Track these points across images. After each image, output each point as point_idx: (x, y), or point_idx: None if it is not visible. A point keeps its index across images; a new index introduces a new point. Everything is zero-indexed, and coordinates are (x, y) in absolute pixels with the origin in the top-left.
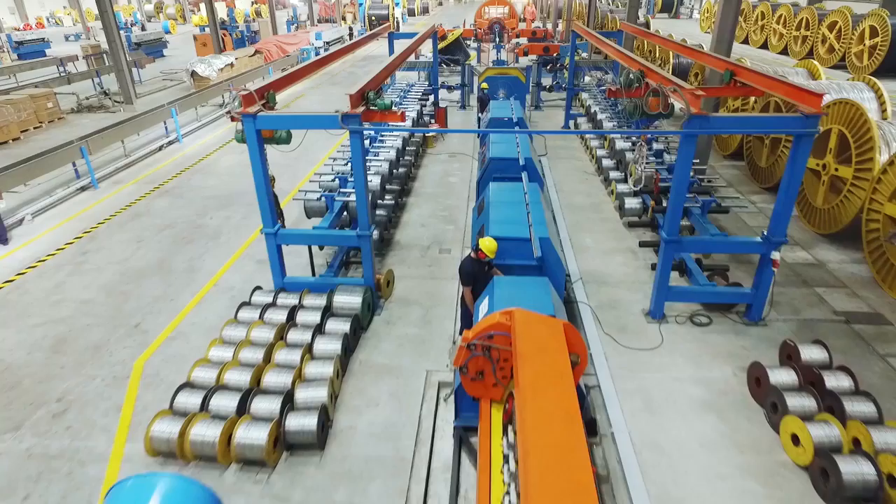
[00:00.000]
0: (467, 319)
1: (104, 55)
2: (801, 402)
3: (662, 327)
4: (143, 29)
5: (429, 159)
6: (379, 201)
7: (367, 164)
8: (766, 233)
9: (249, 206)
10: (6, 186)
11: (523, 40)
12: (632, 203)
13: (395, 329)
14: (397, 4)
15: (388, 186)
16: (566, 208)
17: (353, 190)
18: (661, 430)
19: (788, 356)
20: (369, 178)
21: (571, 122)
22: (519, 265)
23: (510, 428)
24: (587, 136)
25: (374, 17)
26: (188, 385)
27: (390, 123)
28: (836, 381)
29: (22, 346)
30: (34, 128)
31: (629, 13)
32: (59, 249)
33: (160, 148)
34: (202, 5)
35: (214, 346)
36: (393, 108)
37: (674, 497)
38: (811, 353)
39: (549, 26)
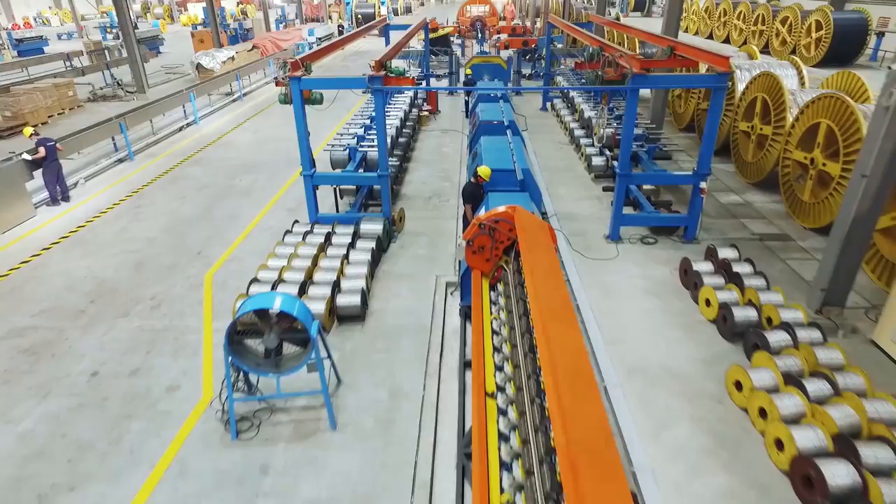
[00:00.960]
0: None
1: (105, 51)
2: (713, 280)
3: (619, 246)
4: (135, 27)
5: (424, 135)
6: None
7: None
8: (695, 168)
9: (271, 172)
10: (65, 154)
11: (504, 36)
12: (597, 161)
13: (408, 251)
14: (383, 3)
15: (393, 151)
16: (544, 169)
17: (372, 143)
18: (614, 306)
19: (710, 256)
20: None
21: (548, 104)
22: (506, 190)
23: (495, 289)
24: (563, 114)
25: (360, 16)
26: (256, 280)
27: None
28: (740, 268)
29: (108, 268)
30: (58, 114)
31: (598, 7)
32: (114, 204)
33: (180, 128)
34: (189, 6)
35: (270, 258)
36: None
37: (621, 340)
38: (726, 253)
39: (528, 23)
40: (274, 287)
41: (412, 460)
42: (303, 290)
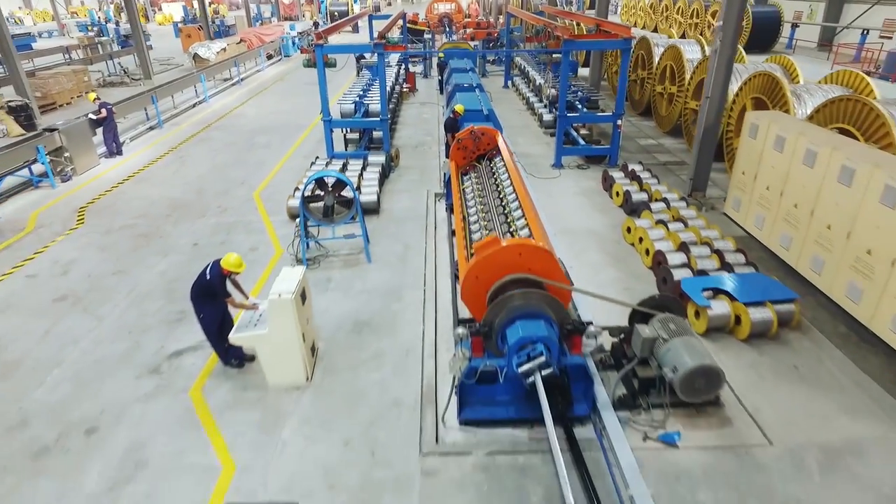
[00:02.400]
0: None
1: (99, 45)
2: (622, 181)
3: (561, 171)
4: (117, 24)
5: (406, 106)
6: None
7: (373, 87)
8: (613, 110)
9: (282, 134)
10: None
11: (471, 30)
12: (547, 117)
13: (404, 177)
14: (356, 2)
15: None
16: (506, 128)
17: (372, 99)
18: (555, 202)
19: (623, 168)
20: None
21: (510, 82)
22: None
23: (466, 175)
24: (521, 89)
25: (336, 13)
26: (297, 189)
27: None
28: (641, 175)
29: (176, 193)
30: (77, 96)
31: (550, 2)
32: (160, 157)
33: (194, 105)
34: (164, 5)
35: (304, 177)
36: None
37: (558, 217)
38: (634, 167)
39: (492, 19)
40: (313, 191)
41: (422, 273)
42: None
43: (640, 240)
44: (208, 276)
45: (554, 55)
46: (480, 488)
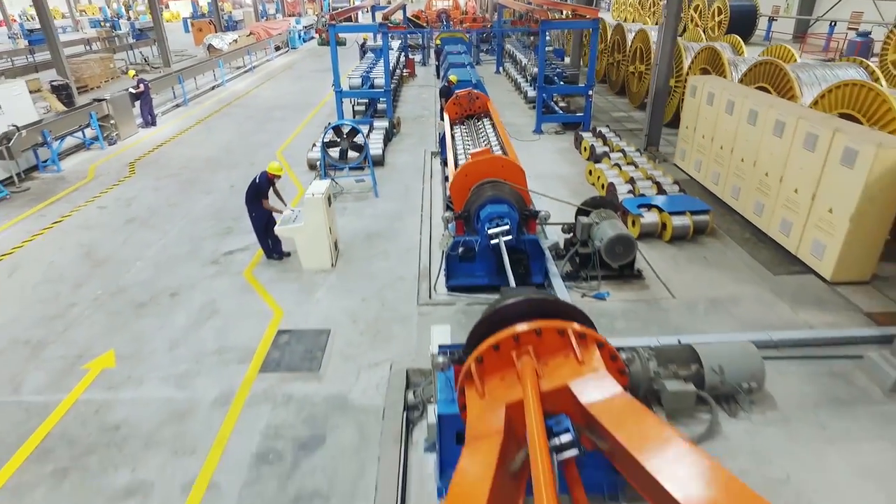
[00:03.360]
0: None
1: (116, 38)
2: (590, 139)
3: (540, 136)
4: (129, 19)
5: (406, 87)
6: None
7: (379, 65)
8: (587, 83)
9: (295, 110)
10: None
11: (466, 24)
12: (531, 94)
13: (405, 141)
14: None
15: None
16: (495, 104)
17: (377, 76)
18: (533, 158)
19: (592, 131)
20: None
21: (501, 68)
22: None
23: (457, 125)
24: (511, 72)
25: (336, 9)
26: (314, 146)
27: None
28: (607, 135)
29: (210, 152)
30: (105, 81)
31: None
32: (190, 127)
33: (212, 88)
34: (170, 3)
35: (319, 138)
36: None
37: (534, 166)
38: (602, 129)
39: (487, 15)
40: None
41: (419, 205)
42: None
43: (598, 178)
44: (258, 181)
45: (534, 37)
46: (459, 320)
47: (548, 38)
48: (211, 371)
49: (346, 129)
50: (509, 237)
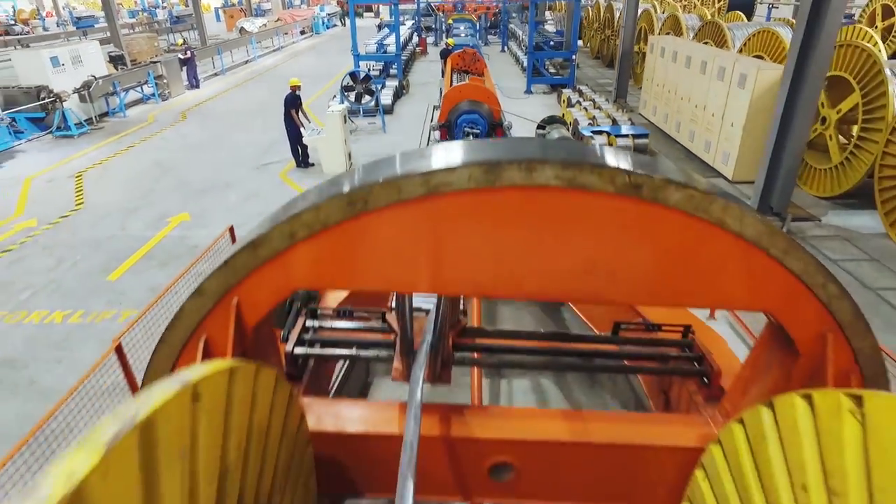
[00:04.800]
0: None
1: (156, 23)
2: (570, 93)
3: (530, 96)
4: (165, 8)
5: (418, 62)
6: (393, 68)
7: (390, 38)
8: (570, 49)
9: (319, 78)
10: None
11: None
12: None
13: (412, 98)
14: None
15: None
16: (494, 74)
17: (390, 44)
18: (522, 110)
19: (573, 88)
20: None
21: (506, 48)
22: None
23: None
24: (513, 48)
25: None
26: (333, 97)
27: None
28: (584, 90)
29: (247, 106)
30: (150, 58)
31: None
32: (228, 90)
33: (245, 62)
34: None
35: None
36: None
37: (507, 112)
38: (582, 87)
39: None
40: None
41: (419, 138)
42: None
43: (569, 119)
44: (287, 97)
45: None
46: None
47: (549, 19)
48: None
49: (360, 76)
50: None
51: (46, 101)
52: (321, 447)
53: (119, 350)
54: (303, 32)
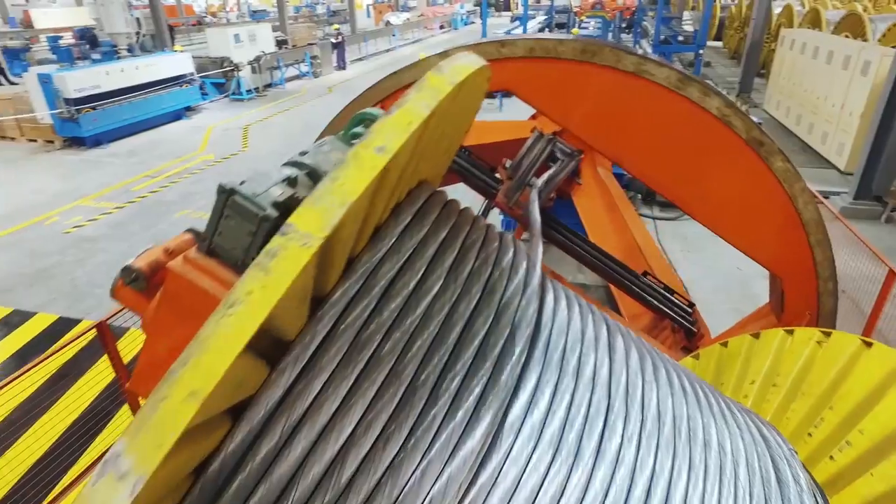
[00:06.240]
0: None
1: (315, 16)
2: None
3: None
4: (324, 4)
5: None
6: None
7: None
8: (697, 43)
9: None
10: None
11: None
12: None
13: None
14: None
15: None
16: None
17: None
18: None
19: None
20: None
21: (637, 45)
22: None
23: None
24: (643, 45)
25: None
26: None
27: None
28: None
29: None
30: (308, 42)
31: None
32: (370, 72)
33: (386, 51)
34: None
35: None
36: None
37: None
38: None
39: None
40: None
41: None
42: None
43: None
44: None
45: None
46: None
47: (687, 18)
48: None
49: None
50: None
51: (227, 69)
52: None
53: None
54: (441, 27)
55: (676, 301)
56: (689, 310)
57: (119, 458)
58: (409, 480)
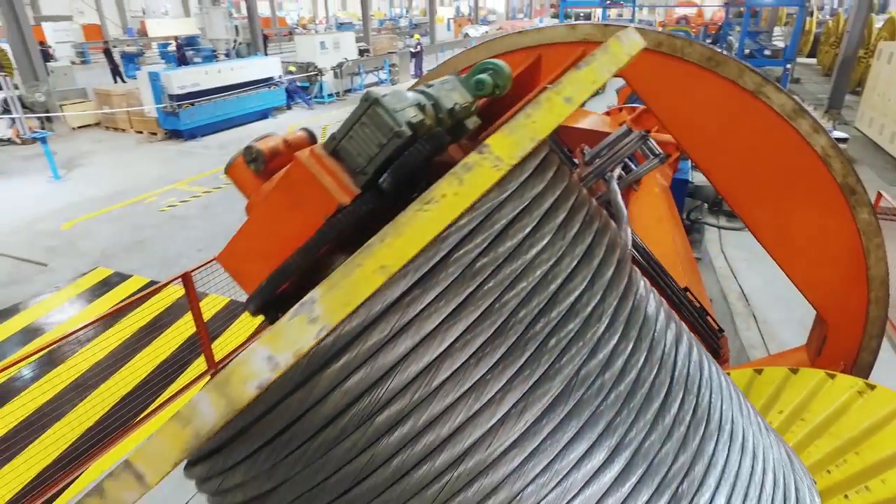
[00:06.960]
0: None
1: (397, 29)
2: None
3: None
4: (406, 16)
5: None
6: None
7: None
8: (785, 58)
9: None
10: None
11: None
12: None
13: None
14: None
15: None
16: None
17: None
18: None
19: None
20: None
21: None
22: None
23: None
24: None
25: (580, 14)
26: None
27: None
28: (795, 99)
29: None
30: (388, 51)
31: None
32: None
33: None
34: (438, 8)
35: None
36: None
37: None
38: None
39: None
40: None
41: None
42: None
43: None
44: None
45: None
46: None
47: (778, 33)
48: None
49: None
50: None
51: (312, 73)
52: None
53: None
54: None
55: (709, 323)
56: (718, 335)
57: (314, 304)
58: (491, 399)
